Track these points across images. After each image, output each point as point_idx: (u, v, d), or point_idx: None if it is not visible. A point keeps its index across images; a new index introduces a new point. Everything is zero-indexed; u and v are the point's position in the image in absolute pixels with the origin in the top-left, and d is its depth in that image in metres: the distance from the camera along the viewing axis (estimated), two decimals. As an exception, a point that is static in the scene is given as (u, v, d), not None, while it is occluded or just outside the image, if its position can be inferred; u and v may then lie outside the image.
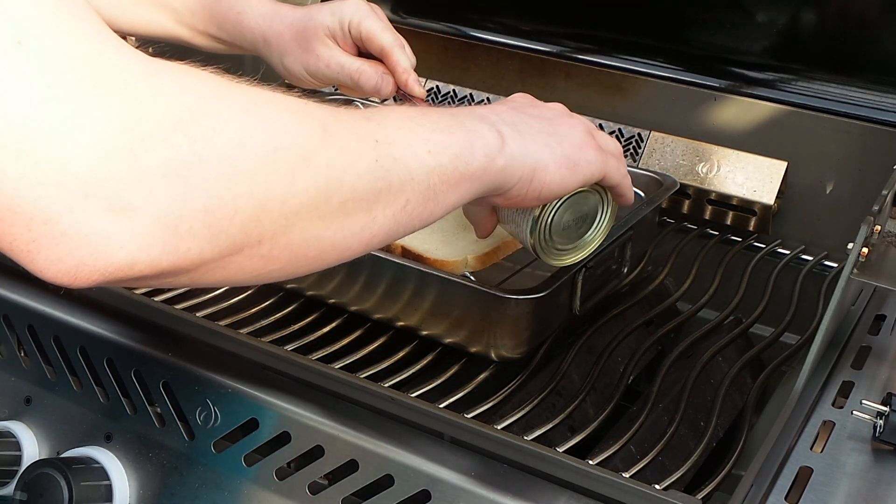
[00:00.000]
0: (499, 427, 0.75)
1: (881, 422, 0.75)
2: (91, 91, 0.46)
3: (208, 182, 0.49)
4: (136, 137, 0.46)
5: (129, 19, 0.99)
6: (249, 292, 0.94)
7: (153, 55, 0.50)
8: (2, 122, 0.44)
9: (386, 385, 0.79)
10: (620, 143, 1.15)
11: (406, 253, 0.87)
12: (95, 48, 0.47)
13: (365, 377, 0.80)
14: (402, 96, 0.96)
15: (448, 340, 0.86)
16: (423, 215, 0.62)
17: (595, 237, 0.81)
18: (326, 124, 0.56)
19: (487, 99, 1.23)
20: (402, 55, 0.94)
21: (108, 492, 0.81)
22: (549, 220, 0.76)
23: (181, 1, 0.98)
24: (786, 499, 0.71)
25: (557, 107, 0.76)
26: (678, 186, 1.03)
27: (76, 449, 0.84)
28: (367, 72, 0.93)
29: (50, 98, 0.44)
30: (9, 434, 0.87)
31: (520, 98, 0.76)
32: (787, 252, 1.07)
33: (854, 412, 0.77)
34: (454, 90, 1.26)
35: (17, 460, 0.86)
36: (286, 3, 0.98)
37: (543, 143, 0.69)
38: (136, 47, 0.50)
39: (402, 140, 0.60)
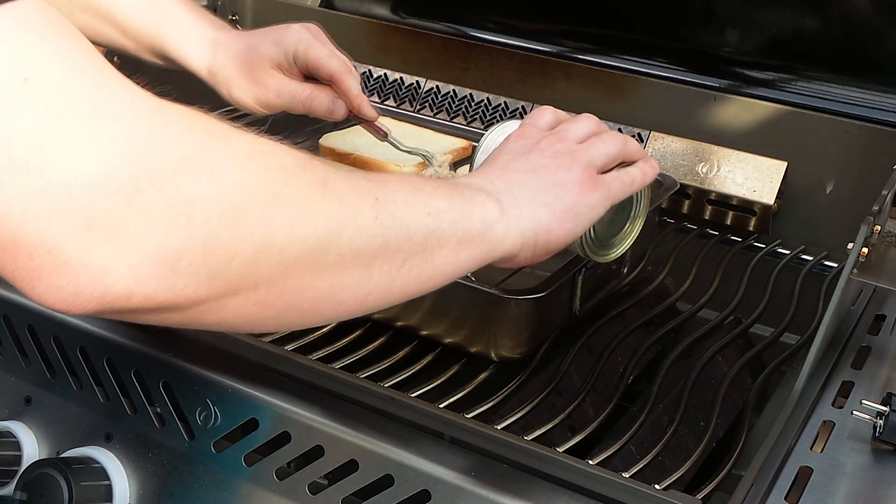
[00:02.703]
0: (499, 427, 0.75)
1: (881, 422, 0.75)
2: (97, 126, 0.46)
3: (210, 222, 0.50)
4: (142, 172, 0.47)
5: (78, 26, 0.99)
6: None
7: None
8: (8, 157, 0.44)
9: (386, 385, 0.79)
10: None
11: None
12: (101, 84, 0.48)
13: (365, 377, 0.80)
14: (356, 119, 0.97)
15: (448, 340, 0.86)
16: (420, 279, 0.63)
17: (637, 218, 0.83)
18: (327, 179, 0.57)
19: (487, 99, 1.23)
20: (353, 80, 0.95)
21: (108, 492, 0.81)
22: (593, 226, 0.77)
23: (126, 18, 0.98)
24: (786, 499, 0.71)
25: (549, 139, 0.74)
26: (678, 186, 1.03)
27: (76, 449, 0.84)
28: (318, 97, 0.95)
29: (55, 132, 0.45)
30: (9, 434, 0.87)
31: (513, 143, 0.75)
32: (787, 252, 1.07)
33: (854, 412, 0.77)
34: (454, 90, 1.26)
35: (17, 460, 0.86)
36: (226, 29, 0.98)
37: (542, 203, 0.70)
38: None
39: (402, 200, 0.61)
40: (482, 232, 0.66)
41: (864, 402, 0.76)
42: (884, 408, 0.75)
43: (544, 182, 0.71)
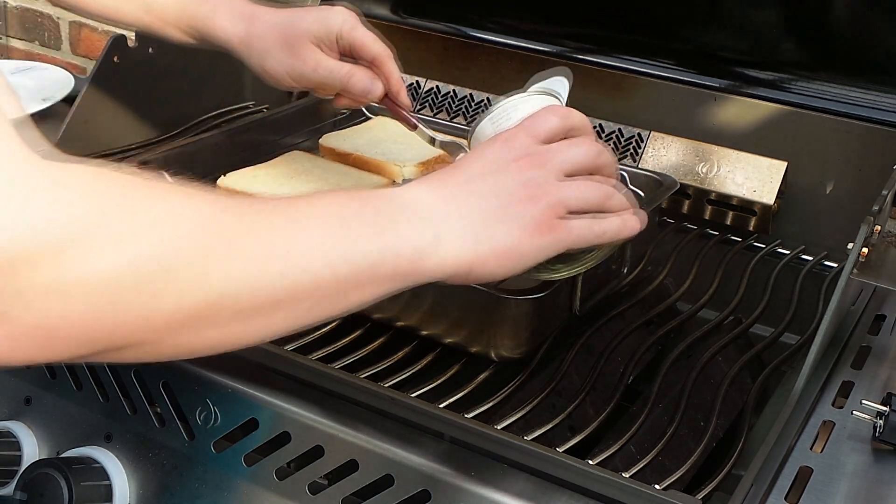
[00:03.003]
0: (499, 427, 0.75)
1: (881, 422, 0.75)
2: None
3: (90, 300, 0.49)
4: (23, 252, 0.46)
5: (100, 5, 0.99)
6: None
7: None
8: None
9: (386, 385, 0.79)
10: (620, 143, 1.15)
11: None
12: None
13: (365, 377, 0.80)
14: (387, 105, 0.96)
15: (448, 340, 0.86)
16: (332, 312, 0.61)
17: (590, 260, 0.77)
18: (235, 237, 0.55)
19: (487, 99, 1.23)
20: (395, 66, 0.95)
21: (108, 492, 0.81)
22: None
23: None
24: (786, 499, 0.71)
25: (530, 159, 0.68)
26: (678, 186, 1.03)
27: (76, 449, 0.84)
28: (357, 75, 0.94)
29: None
30: (9, 434, 0.87)
31: (496, 148, 0.69)
32: (787, 252, 1.07)
33: (854, 412, 0.77)
34: (454, 90, 1.26)
35: (17, 460, 0.86)
36: (261, 5, 0.98)
37: (488, 236, 0.65)
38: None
39: (318, 250, 0.58)
40: (409, 269, 0.63)
41: (864, 402, 0.76)
42: (884, 408, 0.75)
43: (501, 212, 0.66)
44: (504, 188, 0.67)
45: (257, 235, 0.56)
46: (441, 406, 0.77)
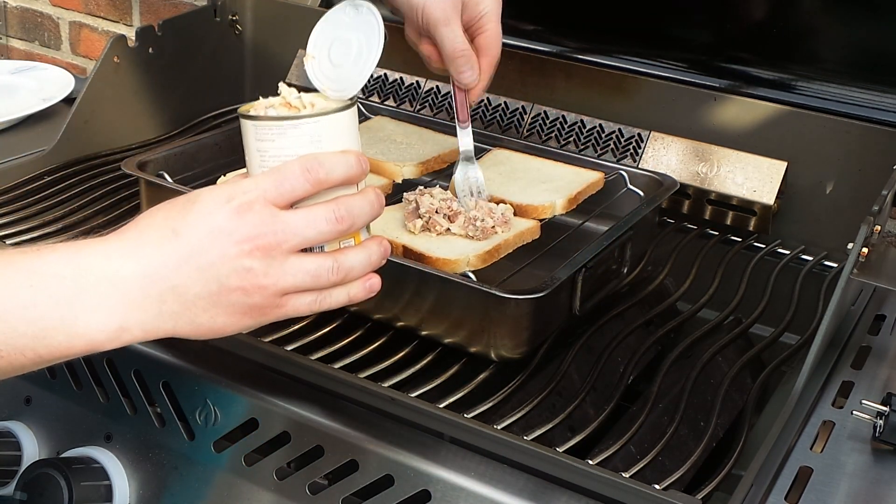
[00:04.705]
0: (499, 427, 0.75)
1: (881, 422, 0.75)
2: None
3: None
4: None
5: None
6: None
7: None
8: None
9: (386, 385, 0.79)
10: (620, 143, 1.15)
11: (407, 252, 0.87)
12: None
13: (365, 377, 0.80)
14: (456, 91, 0.97)
15: (448, 340, 0.86)
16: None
17: None
18: None
19: (488, 99, 1.23)
20: (493, 71, 0.97)
21: (108, 492, 0.81)
22: None
23: None
24: (786, 499, 0.71)
25: (258, 245, 0.63)
26: (678, 186, 1.03)
27: (76, 449, 0.84)
28: (468, 59, 0.94)
29: None
30: (9, 434, 0.87)
31: (227, 221, 0.63)
32: (787, 252, 1.07)
33: (854, 412, 0.77)
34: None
35: (17, 460, 0.86)
36: None
37: (190, 319, 0.64)
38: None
39: None
40: (81, 350, 0.63)
41: (864, 402, 0.76)
42: (884, 408, 0.75)
43: (210, 300, 0.64)
44: (219, 277, 0.63)
45: None
46: (441, 406, 0.77)
